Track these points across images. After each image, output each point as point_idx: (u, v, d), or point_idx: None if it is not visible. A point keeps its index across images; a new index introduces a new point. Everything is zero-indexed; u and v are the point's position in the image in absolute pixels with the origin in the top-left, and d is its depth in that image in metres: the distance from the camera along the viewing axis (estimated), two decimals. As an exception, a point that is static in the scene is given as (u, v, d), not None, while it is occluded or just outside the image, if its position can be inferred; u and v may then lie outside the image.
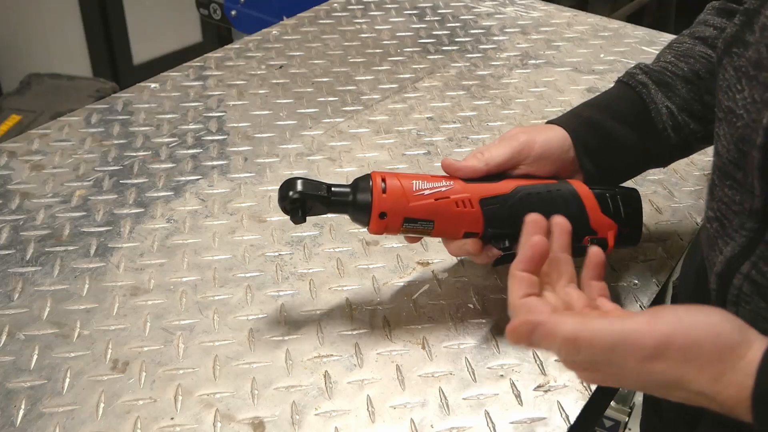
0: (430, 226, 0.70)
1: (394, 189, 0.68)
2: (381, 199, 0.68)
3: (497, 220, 0.70)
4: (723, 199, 0.59)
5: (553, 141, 0.74)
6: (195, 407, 0.66)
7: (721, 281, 0.58)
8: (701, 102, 0.75)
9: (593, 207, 0.72)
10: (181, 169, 0.98)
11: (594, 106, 0.78)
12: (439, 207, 0.69)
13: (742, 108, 0.56)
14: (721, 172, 0.60)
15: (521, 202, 0.70)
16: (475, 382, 0.69)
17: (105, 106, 1.12)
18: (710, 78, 0.75)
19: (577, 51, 1.29)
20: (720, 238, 0.59)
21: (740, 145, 0.56)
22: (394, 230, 0.70)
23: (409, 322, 0.75)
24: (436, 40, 1.33)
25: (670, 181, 0.97)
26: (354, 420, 0.65)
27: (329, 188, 0.69)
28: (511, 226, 0.69)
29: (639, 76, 0.77)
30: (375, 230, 0.70)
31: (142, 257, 0.83)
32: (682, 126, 0.75)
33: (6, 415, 0.65)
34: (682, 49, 0.78)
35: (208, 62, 1.24)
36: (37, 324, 0.74)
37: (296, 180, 0.68)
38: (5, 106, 2.30)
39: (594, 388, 0.69)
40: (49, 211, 0.90)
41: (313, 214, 0.70)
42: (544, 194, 0.71)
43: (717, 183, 0.60)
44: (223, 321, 0.75)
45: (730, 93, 0.58)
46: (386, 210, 0.68)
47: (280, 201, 0.69)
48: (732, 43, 0.59)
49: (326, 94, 1.16)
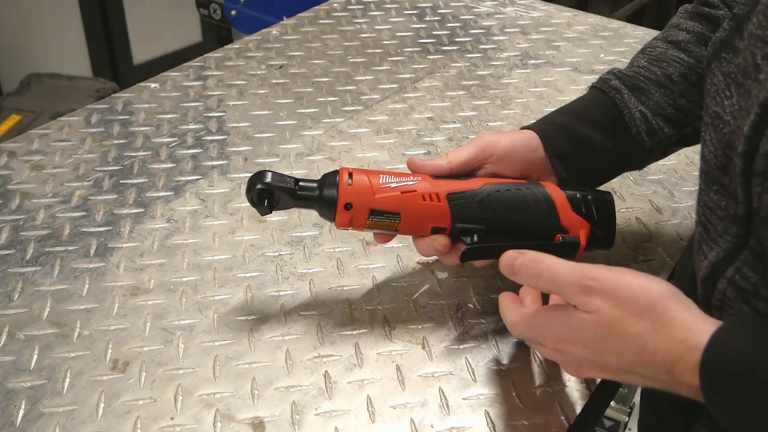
0: (397, 219, 0.69)
1: (360, 181, 0.69)
2: (347, 190, 0.68)
3: (465, 214, 0.70)
4: (708, 204, 0.59)
5: (518, 140, 0.74)
6: (195, 407, 0.66)
7: (706, 286, 0.59)
8: (675, 106, 0.76)
9: (564, 205, 0.71)
10: (181, 169, 0.98)
11: (567, 113, 0.78)
12: (405, 200, 0.69)
13: (729, 114, 0.56)
14: (707, 177, 0.60)
15: (489, 198, 0.70)
16: (475, 382, 0.69)
17: (105, 106, 1.12)
18: (683, 82, 0.76)
19: (577, 51, 1.29)
20: (705, 243, 0.59)
21: (727, 150, 0.56)
22: (360, 223, 0.69)
23: (409, 322, 0.75)
24: (436, 40, 1.33)
25: (670, 181, 0.97)
26: (354, 420, 0.65)
27: (297, 182, 0.69)
28: (479, 221, 0.70)
29: (612, 82, 0.77)
30: (341, 222, 0.69)
31: (142, 257, 0.83)
32: (656, 130, 0.75)
33: (6, 415, 0.65)
34: (655, 54, 0.79)
35: (208, 62, 1.24)
36: (37, 324, 0.74)
37: (265, 172, 0.69)
38: (5, 106, 2.30)
39: (594, 389, 0.69)
40: (49, 211, 0.90)
41: (281, 208, 0.70)
42: (513, 191, 0.71)
43: (703, 188, 0.61)
44: (223, 321, 0.75)
45: (718, 98, 0.58)
46: (352, 201, 0.68)
47: (246, 192, 0.69)
48: (721, 48, 0.60)
49: (326, 94, 1.16)
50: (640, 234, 0.88)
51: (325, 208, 0.70)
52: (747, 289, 0.54)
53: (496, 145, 0.73)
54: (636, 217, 0.91)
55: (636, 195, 0.94)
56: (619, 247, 0.86)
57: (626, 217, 0.91)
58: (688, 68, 0.77)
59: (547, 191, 0.72)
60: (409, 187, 0.69)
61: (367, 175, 0.70)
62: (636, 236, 0.88)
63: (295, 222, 0.88)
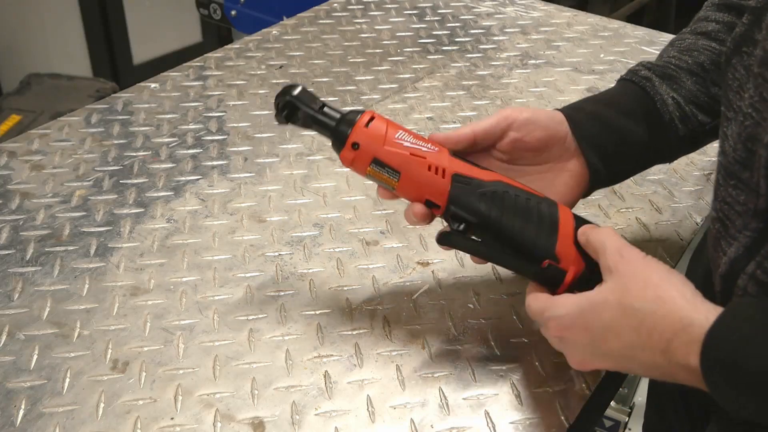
0: (396, 177, 0.67)
1: (376, 128, 0.67)
2: (360, 131, 0.67)
3: (463, 199, 0.66)
4: (726, 200, 0.59)
5: (541, 112, 0.73)
6: (195, 407, 0.66)
7: (726, 282, 0.58)
8: (708, 94, 0.74)
9: (567, 234, 0.66)
10: (181, 169, 0.98)
11: (597, 102, 0.76)
12: (410, 162, 0.67)
13: (750, 107, 0.56)
14: (726, 172, 0.59)
15: (494, 194, 0.66)
16: (475, 382, 0.69)
17: (105, 106, 1.12)
18: (716, 70, 0.73)
19: (577, 51, 1.29)
20: (723, 239, 0.59)
21: (748, 144, 0.56)
22: (361, 167, 0.67)
23: (409, 322, 0.75)
24: (436, 40, 1.33)
25: (670, 181, 0.97)
26: (354, 420, 0.65)
27: (322, 107, 0.69)
28: (473, 213, 0.66)
29: (642, 72, 0.75)
30: (344, 158, 0.68)
31: (142, 257, 0.83)
32: (690, 117, 0.73)
33: (6, 415, 0.65)
34: (684, 45, 0.77)
35: (208, 62, 1.24)
36: (37, 324, 0.74)
37: (299, 87, 0.69)
38: (5, 106, 2.30)
39: (594, 389, 0.69)
40: (49, 211, 0.90)
41: (299, 125, 0.70)
42: (521, 198, 0.67)
43: (721, 183, 0.60)
44: (223, 321, 0.75)
45: (741, 93, 0.58)
46: (360, 143, 0.66)
47: (275, 97, 0.69)
48: (741, 43, 0.59)
49: (326, 94, 1.16)
50: (640, 234, 0.88)
51: (335, 139, 0.68)
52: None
53: (519, 114, 0.71)
54: (636, 217, 0.91)
55: (636, 195, 0.94)
56: (619, 247, 0.86)
57: (626, 217, 0.91)
58: (720, 56, 0.72)
59: (557, 212, 0.67)
60: (421, 152, 0.67)
61: (387, 125, 0.67)
62: (636, 236, 0.88)
63: (295, 222, 0.88)
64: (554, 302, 0.61)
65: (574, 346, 0.61)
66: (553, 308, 0.61)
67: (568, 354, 0.62)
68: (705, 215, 0.91)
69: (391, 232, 0.87)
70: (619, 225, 0.89)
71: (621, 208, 0.92)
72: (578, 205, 0.92)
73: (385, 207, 0.91)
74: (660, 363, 0.53)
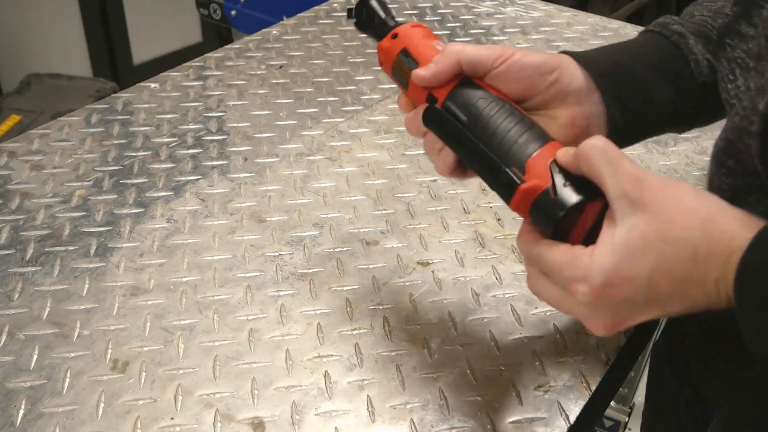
0: (413, 66, 0.66)
1: (417, 30, 0.68)
2: (403, 28, 0.69)
3: (460, 98, 0.61)
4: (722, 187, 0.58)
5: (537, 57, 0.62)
6: (195, 407, 0.66)
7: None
8: None
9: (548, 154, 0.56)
10: (181, 169, 0.98)
11: (623, 51, 0.66)
12: (429, 57, 0.64)
13: (734, 97, 0.56)
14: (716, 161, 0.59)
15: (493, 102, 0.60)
16: (475, 382, 0.69)
17: (105, 106, 1.12)
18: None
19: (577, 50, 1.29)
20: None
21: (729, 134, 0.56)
22: (390, 57, 0.69)
23: (409, 322, 0.75)
24: (436, 40, 1.32)
25: (670, 181, 0.97)
26: (354, 420, 0.65)
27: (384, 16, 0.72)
28: (467, 113, 0.60)
29: (674, 26, 0.66)
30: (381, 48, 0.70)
31: (142, 257, 0.83)
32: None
33: (6, 415, 0.65)
34: (716, 7, 0.67)
35: (208, 62, 1.24)
36: (37, 324, 0.74)
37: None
38: (5, 106, 2.30)
39: (594, 389, 0.69)
40: (49, 211, 0.90)
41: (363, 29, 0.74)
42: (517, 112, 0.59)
43: (714, 172, 0.59)
44: (223, 321, 0.75)
45: (723, 84, 0.58)
46: (399, 33, 0.68)
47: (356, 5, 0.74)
48: (725, 34, 0.59)
49: (326, 94, 1.16)
50: (640, 234, 0.88)
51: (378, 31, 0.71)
52: None
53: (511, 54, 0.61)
54: (636, 217, 0.91)
55: (636, 195, 0.94)
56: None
57: (626, 217, 0.91)
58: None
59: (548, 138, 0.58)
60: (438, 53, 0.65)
61: (427, 35, 0.68)
62: (636, 236, 0.88)
63: (295, 222, 0.88)
64: (584, 263, 0.50)
65: (611, 306, 0.50)
66: (585, 269, 0.50)
67: (600, 317, 0.52)
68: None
69: (391, 232, 0.87)
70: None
71: (621, 208, 0.92)
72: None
73: (385, 207, 0.91)
74: (710, 292, 0.48)
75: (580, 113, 0.61)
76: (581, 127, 0.61)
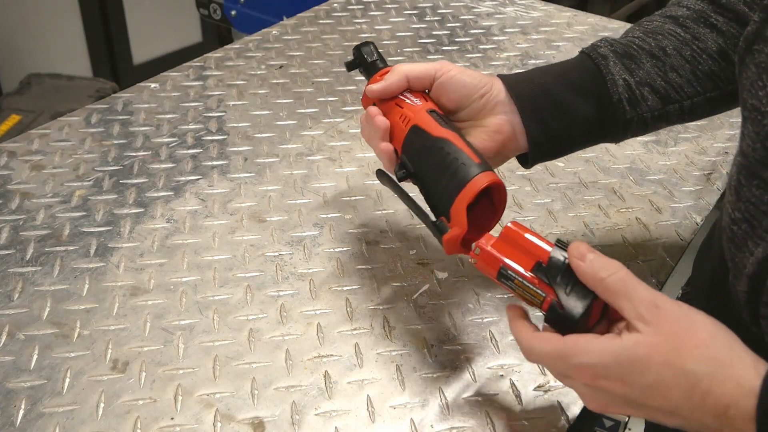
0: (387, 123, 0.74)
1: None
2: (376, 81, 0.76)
3: (409, 150, 0.71)
4: (751, 200, 0.57)
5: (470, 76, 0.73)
6: (195, 407, 0.66)
7: (753, 283, 0.56)
8: (665, 79, 0.74)
9: (463, 198, 0.65)
10: (181, 169, 0.98)
11: (548, 73, 0.76)
12: (392, 110, 0.74)
13: (767, 105, 0.55)
14: (747, 172, 0.57)
15: (429, 149, 0.69)
16: (475, 382, 0.69)
17: (105, 106, 1.12)
18: (677, 56, 0.74)
19: (577, 51, 1.28)
20: (750, 239, 0.57)
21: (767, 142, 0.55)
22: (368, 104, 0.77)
23: (409, 322, 0.75)
24: (436, 40, 1.33)
25: (670, 181, 0.97)
26: (354, 420, 0.65)
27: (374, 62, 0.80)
28: (412, 163, 0.71)
29: (601, 49, 0.75)
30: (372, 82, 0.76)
31: (142, 257, 0.83)
32: (640, 101, 0.73)
33: (6, 415, 0.65)
34: (651, 27, 0.77)
35: (208, 62, 1.24)
36: (37, 324, 0.74)
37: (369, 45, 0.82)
38: (5, 106, 2.30)
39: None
40: (49, 211, 0.90)
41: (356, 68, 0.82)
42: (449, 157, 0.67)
43: (744, 183, 0.58)
44: (223, 321, 0.75)
45: (753, 91, 0.57)
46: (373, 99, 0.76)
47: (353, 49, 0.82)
48: (753, 41, 0.59)
49: (326, 94, 1.16)
50: (640, 234, 0.88)
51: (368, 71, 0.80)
52: None
53: (447, 70, 0.73)
54: (636, 217, 0.91)
55: (636, 195, 0.95)
56: (619, 247, 0.86)
57: (626, 217, 0.91)
58: (684, 43, 0.75)
59: (472, 176, 0.65)
60: (404, 103, 0.73)
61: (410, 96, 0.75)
62: (636, 236, 0.88)
63: (295, 222, 0.89)
64: (581, 347, 0.55)
65: (604, 395, 0.55)
66: (582, 355, 0.54)
67: (594, 399, 0.57)
68: (705, 215, 0.91)
69: (391, 232, 0.87)
70: (619, 225, 0.89)
71: (621, 208, 0.92)
72: (578, 205, 0.93)
73: (385, 207, 0.91)
74: (710, 424, 0.51)
75: (506, 122, 0.72)
76: (507, 133, 0.72)
